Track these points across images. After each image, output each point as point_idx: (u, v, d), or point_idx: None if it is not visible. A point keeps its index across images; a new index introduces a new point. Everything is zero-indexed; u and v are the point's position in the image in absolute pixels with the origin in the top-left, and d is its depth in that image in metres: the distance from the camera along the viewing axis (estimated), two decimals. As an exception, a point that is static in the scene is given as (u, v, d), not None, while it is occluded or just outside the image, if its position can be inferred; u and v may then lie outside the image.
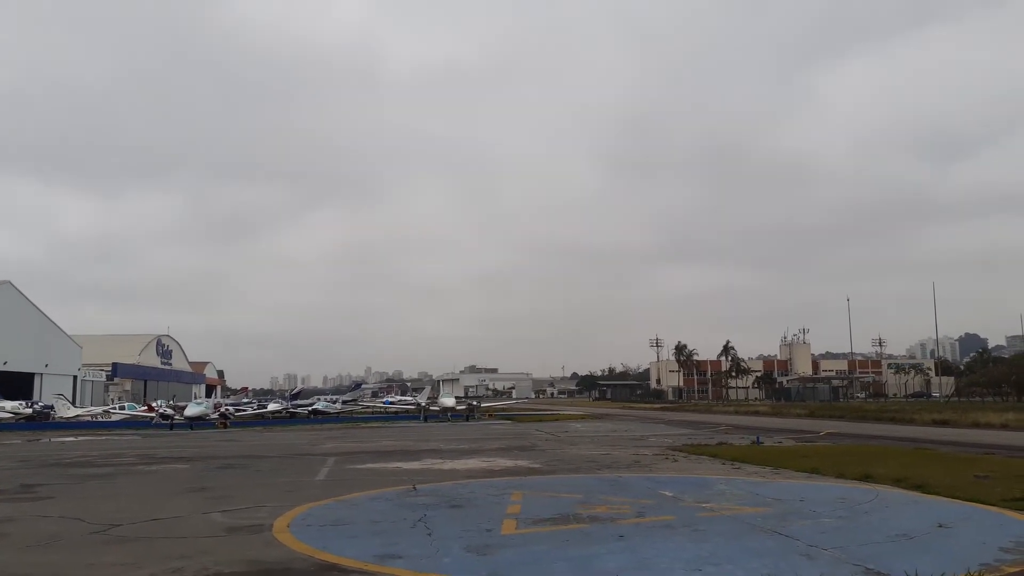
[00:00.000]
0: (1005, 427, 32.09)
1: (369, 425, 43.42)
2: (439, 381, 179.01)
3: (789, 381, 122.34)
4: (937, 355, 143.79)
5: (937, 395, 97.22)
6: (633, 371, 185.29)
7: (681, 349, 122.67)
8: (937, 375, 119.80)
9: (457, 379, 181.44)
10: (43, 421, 45.24)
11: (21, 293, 61.95)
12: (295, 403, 59.70)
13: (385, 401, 73.53)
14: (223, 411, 44.29)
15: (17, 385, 57.71)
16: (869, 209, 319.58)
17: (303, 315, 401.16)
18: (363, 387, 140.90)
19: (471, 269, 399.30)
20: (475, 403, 57.53)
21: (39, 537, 9.16)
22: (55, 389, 57.58)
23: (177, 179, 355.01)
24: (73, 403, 54.48)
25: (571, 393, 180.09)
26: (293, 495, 12.66)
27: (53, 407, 47.50)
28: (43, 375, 62.62)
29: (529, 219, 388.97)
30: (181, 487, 14.23)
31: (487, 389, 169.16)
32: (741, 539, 8.55)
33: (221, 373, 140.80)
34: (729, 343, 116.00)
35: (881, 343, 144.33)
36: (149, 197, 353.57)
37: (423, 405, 55.25)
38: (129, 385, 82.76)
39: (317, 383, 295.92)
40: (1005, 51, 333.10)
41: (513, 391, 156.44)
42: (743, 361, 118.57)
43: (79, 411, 49.64)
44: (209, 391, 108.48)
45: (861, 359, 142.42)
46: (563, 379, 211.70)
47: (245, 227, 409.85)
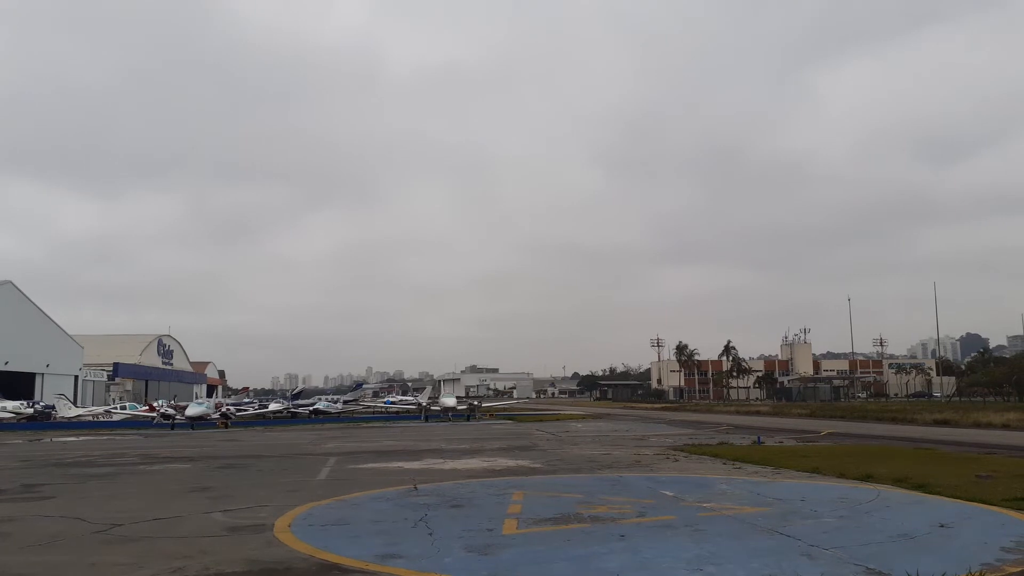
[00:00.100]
0: (1006, 427, 32.08)
1: (370, 425, 43.46)
2: (440, 381, 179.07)
3: (790, 381, 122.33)
4: (938, 355, 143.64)
5: (938, 395, 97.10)
6: (634, 371, 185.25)
7: (682, 349, 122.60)
8: (938, 375, 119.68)
9: (458, 379, 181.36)
10: (44, 421, 45.32)
11: (22, 293, 61.98)
12: (296, 403, 59.71)
13: (386, 401, 73.51)
14: (224, 411, 44.36)
15: (18, 385, 57.83)
16: (869, 210, 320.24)
17: (304, 315, 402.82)
18: (364, 387, 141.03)
19: (472, 269, 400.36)
20: (476, 403, 57.56)
21: (41, 537, 9.17)
22: (56, 389, 57.62)
23: (178, 180, 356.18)
24: (74, 403, 54.50)
25: (572, 393, 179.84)
26: (294, 495, 12.68)
27: (54, 407, 47.58)
28: (44, 375, 62.66)
29: (530, 220, 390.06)
30: (183, 487, 14.24)
31: (488, 389, 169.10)
32: (742, 539, 8.55)
33: (222, 373, 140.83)
34: (730, 343, 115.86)
35: (882, 343, 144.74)
36: (150, 198, 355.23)
37: (424, 405, 55.32)
38: (130, 385, 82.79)
39: (318, 383, 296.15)
40: (1004, 52, 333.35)
41: (514, 391, 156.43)
42: (744, 361, 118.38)
43: (80, 411, 49.69)
44: (210, 391, 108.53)
45: (862, 359, 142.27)
46: (564, 379, 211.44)
47: (246, 228, 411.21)
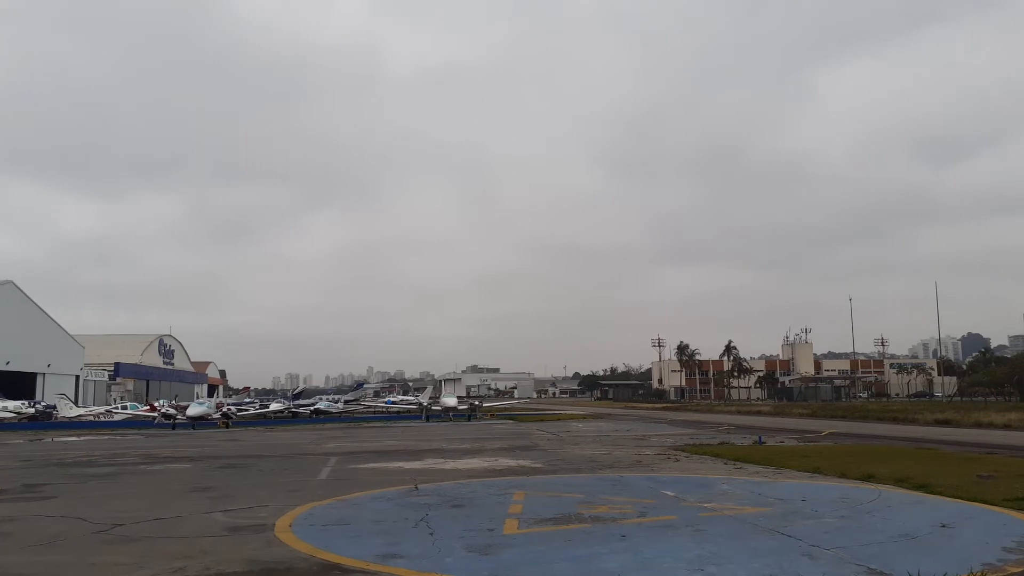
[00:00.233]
0: (1008, 427, 32.04)
1: (371, 425, 43.47)
2: (441, 381, 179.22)
3: (791, 381, 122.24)
4: (939, 355, 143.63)
5: (939, 395, 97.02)
6: (635, 371, 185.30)
7: (683, 349, 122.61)
8: (939, 375, 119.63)
9: (459, 379, 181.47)
10: (46, 421, 45.34)
11: (24, 293, 62.01)
12: (297, 403, 59.69)
13: (387, 401, 73.52)
14: (225, 411, 44.40)
15: (20, 385, 57.85)
16: (869, 210, 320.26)
17: (305, 315, 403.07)
18: (365, 387, 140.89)
19: (472, 269, 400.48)
20: (477, 403, 57.64)
21: (42, 537, 9.17)
22: (57, 389, 57.62)
23: (178, 180, 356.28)
24: (75, 403, 54.57)
25: (573, 393, 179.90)
26: (295, 495, 12.68)
27: (55, 407, 47.61)
28: (45, 375, 62.68)
29: (530, 220, 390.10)
30: (183, 487, 14.24)
31: (489, 389, 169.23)
32: (743, 539, 8.54)
33: (223, 373, 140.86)
34: (731, 343, 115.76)
35: (883, 343, 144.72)
36: (150, 198, 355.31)
37: (425, 405, 55.41)
38: (131, 385, 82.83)
39: (319, 383, 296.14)
40: (1004, 52, 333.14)
41: (515, 391, 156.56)
42: (745, 361, 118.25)
43: (81, 411, 49.73)
44: (211, 391, 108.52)
45: (863, 359, 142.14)
46: (565, 379, 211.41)
47: (246, 228, 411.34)
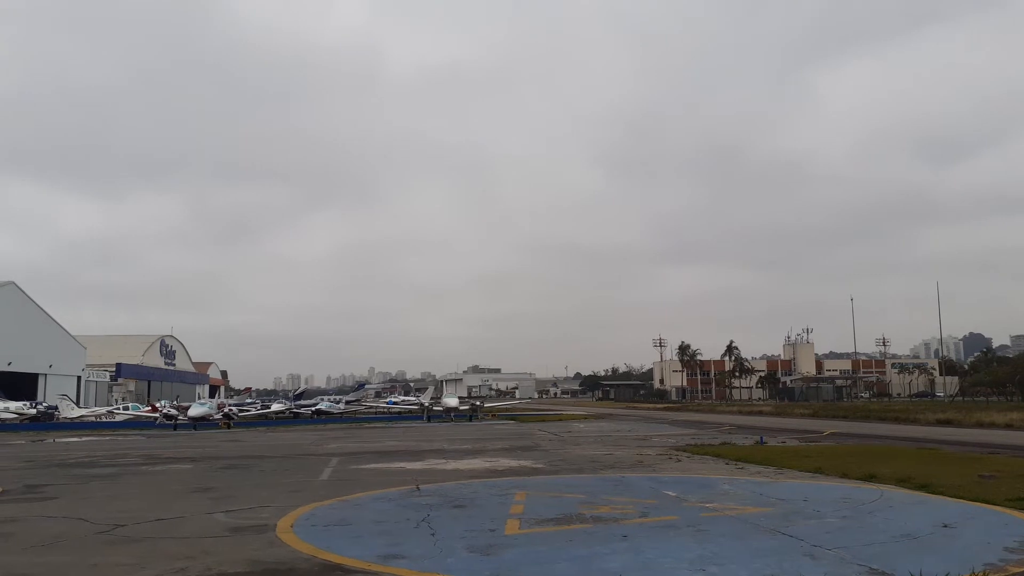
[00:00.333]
0: (1009, 427, 32.01)
1: (372, 425, 43.47)
2: (442, 381, 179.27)
3: (793, 381, 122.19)
4: (941, 355, 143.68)
5: (941, 395, 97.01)
6: (636, 371, 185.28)
7: (684, 349, 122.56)
8: (941, 375, 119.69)
9: (460, 379, 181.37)
10: (47, 421, 45.37)
11: (25, 294, 62.09)
12: (298, 403, 59.62)
13: (388, 401, 73.46)
14: (227, 411, 44.42)
15: (22, 386, 57.96)
16: (869, 210, 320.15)
17: (306, 315, 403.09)
18: (366, 387, 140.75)
19: (473, 269, 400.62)
20: (478, 403, 57.67)
21: (43, 537, 9.18)
22: (59, 389, 57.69)
23: (178, 180, 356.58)
24: (77, 403, 54.63)
25: (574, 393, 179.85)
26: (297, 495, 12.69)
27: (57, 407, 47.66)
28: (47, 376, 62.75)
29: (530, 220, 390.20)
30: (185, 487, 14.25)
31: (490, 389, 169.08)
32: (745, 539, 8.54)
33: (224, 373, 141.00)
34: (732, 343, 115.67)
35: (885, 343, 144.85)
36: (151, 198, 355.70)
37: (426, 405, 55.33)
38: (133, 385, 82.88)
39: (320, 383, 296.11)
40: (1004, 52, 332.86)
41: (516, 391, 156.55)
42: (746, 361, 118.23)
43: (83, 411, 49.77)
44: (212, 391, 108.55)
45: (865, 359, 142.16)
46: (566, 379, 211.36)
47: (247, 228, 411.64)
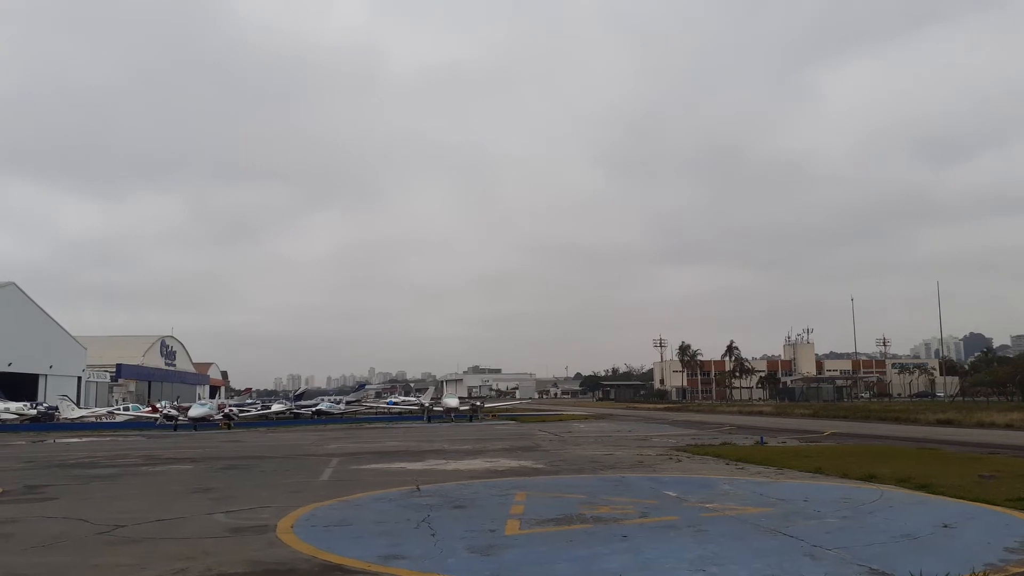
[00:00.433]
0: (1010, 427, 32.00)
1: (373, 426, 43.47)
2: (443, 382, 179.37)
3: (793, 381, 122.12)
4: (941, 355, 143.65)
5: (941, 395, 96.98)
6: (637, 371, 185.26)
7: (685, 349, 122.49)
8: (941, 375, 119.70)
9: (460, 379, 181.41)
10: (48, 422, 45.36)
11: (25, 294, 62.04)
12: (299, 404, 59.61)
13: (389, 402, 73.43)
14: (227, 412, 44.44)
15: (22, 386, 57.90)
16: (870, 210, 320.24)
17: (306, 315, 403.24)
18: (367, 388, 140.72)
19: (473, 269, 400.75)
20: (479, 403, 57.68)
21: (44, 538, 9.19)
22: (59, 390, 57.64)
23: (178, 180, 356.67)
24: (77, 404, 54.62)
25: (575, 393, 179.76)
26: (297, 496, 12.69)
27: (57, 408, 47.64)
28: (47, 376, 62.70)
29: (530, 220, 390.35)
30: (185, 488, 14.25)
31: (491, 390, 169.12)
32: (745, 539, 8.54)
33: (225, 374, 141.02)
34: (733, 343, 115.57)
35: (885, 343, 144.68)
36: (151, 198, 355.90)
37: (427, 406, 55.33)
38: (133, 386, 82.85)
39: (321, 384, 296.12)
40: (1004, 52, 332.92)
41: (516, 391, 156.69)
42: (747, 361, 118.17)
43: (83, 412, 49.78)
44: (213, 392, 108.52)
45: (865, 359, 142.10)
46: (567, 379, 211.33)
47: (247, 228, 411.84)
